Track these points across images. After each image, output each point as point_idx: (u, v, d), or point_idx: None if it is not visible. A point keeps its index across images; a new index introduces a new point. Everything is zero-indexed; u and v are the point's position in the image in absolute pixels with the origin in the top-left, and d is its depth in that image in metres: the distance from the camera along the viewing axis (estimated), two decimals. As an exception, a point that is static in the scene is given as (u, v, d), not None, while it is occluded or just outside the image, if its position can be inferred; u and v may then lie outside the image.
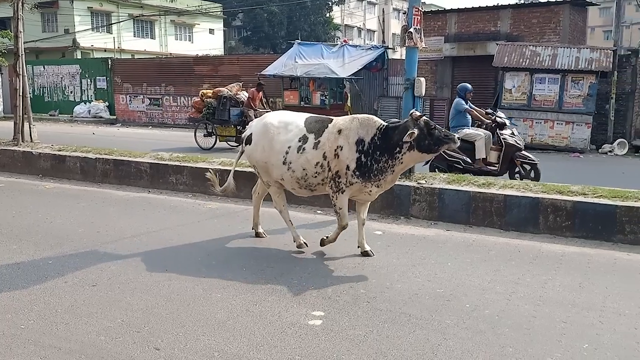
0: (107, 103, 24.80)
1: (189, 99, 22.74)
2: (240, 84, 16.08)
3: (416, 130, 4.63)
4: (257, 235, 5.79)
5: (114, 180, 8.88)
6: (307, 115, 5.37)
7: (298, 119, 5.23)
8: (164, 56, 33.39)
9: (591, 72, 14.63)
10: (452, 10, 20.15)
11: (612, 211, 5.80)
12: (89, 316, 3.85)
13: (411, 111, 4.86)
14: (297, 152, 5.03)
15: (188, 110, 22.68)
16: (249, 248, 5.48)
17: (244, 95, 14.37)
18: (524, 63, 15.32)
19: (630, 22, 41.33)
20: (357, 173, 4.85)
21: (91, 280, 4.54)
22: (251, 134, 5.40)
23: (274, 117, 5.35)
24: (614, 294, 4.28)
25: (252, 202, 5.91)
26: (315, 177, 5.02)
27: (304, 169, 5.01)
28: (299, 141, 5.04)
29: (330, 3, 47.92)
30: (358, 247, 5.24)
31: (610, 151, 14.45)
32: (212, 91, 14.72)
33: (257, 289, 4.35)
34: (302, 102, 18.98)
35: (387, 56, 19.44)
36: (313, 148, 4.97)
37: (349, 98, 19.35)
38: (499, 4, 19.35)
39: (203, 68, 22.58)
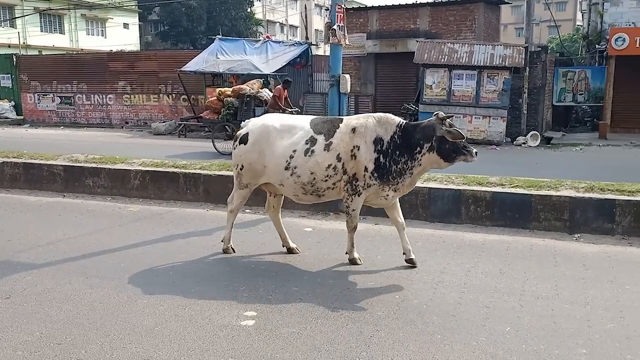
0: (13, 102, 23.30)
1: (104, 97, 21.84)
2: (261, 80, 15.17)
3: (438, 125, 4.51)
4: (290, 251, 5.25)
5: (24, 185, 8.38)
6: (312, 117, 5.13)
7: (302, 121, 4.95)
8: (75, 52, 31.76)
9: (505, 68, 15.48)
10: (373, 8, 20.62)
11: (528, 200, 6.19)
12: (3, 330, 3.63)
13: (436, 112, 4.71)
14: (305, 155, 4.69)
15: (103, 109, 21.88)
16: (176, 251, 5.36)
17: (266, 93, 13.38)
18: (442, 60, 15.94)
19: (540, 20, 44.04)
20: (375, 175, 4.62)
21: (4, 292, 4.28)
22: (247, 133, 4.99)
23: (275, 120, 5.02)
24: (532, 278, 4.58)
25: (271, 220, 5.40)
26: (326, 180, 4.70)
27: (312, 173, 4.70)
28: (306, 143, 4.72)
29: (251, -2, 47.59)
30: (403, 254, 4.91)
31: (524, 143, 15.35)
32: (231, 89, 13.66)
33: (186, 293, 4.27)
34: (225, 99, 18.71)
35: (311, 52, 19.62)
36: (324, 150, 4.67)
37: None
38: (418, 2, 20.02)
39: (118, 64, 21.70)
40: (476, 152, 4.62)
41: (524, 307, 3.99)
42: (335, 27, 7.37)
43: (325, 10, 30.37)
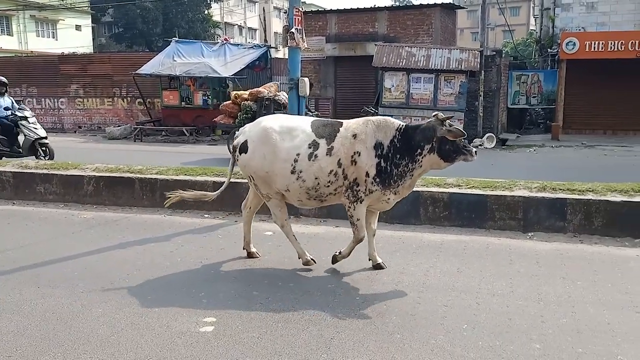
0: (-44, 107, 22.34)
1: (56, 101, 21.26)
2: (278, 83, 14.79)
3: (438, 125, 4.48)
4: (250, 255, 5.21)
5: (-31, 193, 8.05)
6: (311, 118, 4.99)
7: (302, 123, 4.80)
8: (24, 54, 30.75)
9: (461, 71, 15.87)
10: (332, 11, 20.79)
11: (484, 200, 6.35)
12: (-53, 346, 3.49)
13: (435, 113, 4.70)
14: (309, 160, 4.57)
15: (55, 114, 21.26)
16: (132, 258, 5.26)
17: (283, 96, 12.86)
18: (401, 63, 16.22)
19: (495, 25, 45.23)
20: (377, 180, 4.54)
21: (-53, 306, 4.11)
22: (246, 140, 4.79)
23: (274, 122, 4.82)
24: (488, 276, 4.71)
25: (243, 218, 5.29)
26: (328, 186, 4.62)
27: (316, 178, 4.59)
28: (309, 147, 4.59)
29: (208, 0, 47.13)
30: (369, 259, 4.94)
31: (480, 145, 15.76)
32: (248, 92, 13.25)
33: (143, 300, 4.20)
34: (183, 103, 18.53)
35: (270, 55, 19.62)
36: (326, 155, 4.56)
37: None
38: (376, 6, 20.29)
39: (70, 67, 21.17)
40: (476, 152, 4.63)
41: (480, 305, 4.10)
42: (293, 30, 7.40)
43: (284, 13, 30.38)
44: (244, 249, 5.27)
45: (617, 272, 4.75)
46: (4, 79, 10.64)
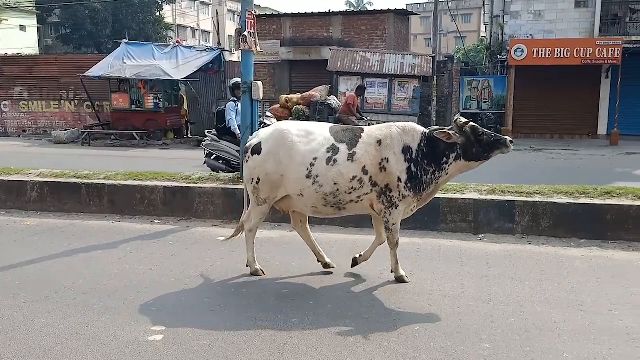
0: None
1: (-2, 103, 20.42)
2: (329, 86, 14.19)
3: (451, 132, 4.44)
4: (327, 266, 4.99)
5: None
6: (329, 124, 4.88)
7: (320, 127, 4.70)
8: (-37, 55, 29.37)
9: (415, 76, 16.20)
10: (286, 15, 20.83)
11: (436, 203, 6.43)
12: None
13: (456, 117, 4.63)
14: (327, 164, 4.45)
15: (-3, 117, 20.41)
16: (78, 266, 5.09)
17: (334, 100, 12.82)
18: (355, 68, 16.40)
19: (447, 31, 46.42)
20: (409, 185, 4.46)
21: None
22: (260, 142, 4.67)
23: (290, 125, 4.77)
24: (440, 277, 4.79)
25: (300, 235, 5.10)
26: (350, 193, 4.48)
27: (335, 183, 4.45)
28: (328, 152, 4.48)
29: (160, 1, 46.32)
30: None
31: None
32: (298, 96, 12.79)
33: (89, 310, 4.07)
34: (133, 106, 18.13)
35: (224, 58, 19.45)
36: (348, 160, 4.45)
37: (185, 101, 18.93)
38: (331, 11, 20.44)
39: (14, 69, 20.38)
40: (511, 141, 4.56)
41: (432, 306, 4.17)
42: (245, 33, 7.34)
43: (237, 16, 30.16)
44: (318, 261, 5.02)
45: (563, 272, 4.92)
46: None
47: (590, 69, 18.69)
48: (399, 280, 4.68)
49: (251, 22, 7.46)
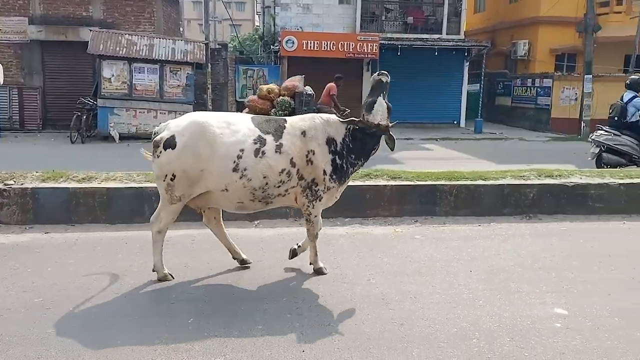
0: None
1: None
2: (303, 76, 13.52)
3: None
4: (243, 262, 4.90)
5: None
6: (248, 115, 4.67)
7: (241, 117, 4.52)
8: None
9: (187, 63, 15.99)
10: (35, -12, 18.71)
11: (211, 192, 6.52)
12: None
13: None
14: (256, 157, 4.29)
15: None
16: None
17: (310, 90, 12.55)
18: (121, 52, 15.54)
19: (222, 18, 46.70)
20: (334, 177, 4.51)
21: None
22: (173, 135, 4.26)
23: (206, 116, 4.46)
24: (215, 267, 4.86)
25: (214, 232, 4.90)
26: (279, 186, 4.39)
27: (264, 177, 4.32)
28: (255, 143, 4.31)
29: None
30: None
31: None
32: (282, 87, 12.23)
33: None
34: None
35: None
36: (276, 152, 4.34)
37: None
38: (90, -13, 18.98)
39: None
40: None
41: (207, 298, 4.24)
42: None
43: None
44: (234, 258, 4.91)
45: (330, 250, 5.39)
46: None
47: (354, 61, 20.68)
48: (318, 272, 4.74)
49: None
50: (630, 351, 3.48)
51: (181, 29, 24.84)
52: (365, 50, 20.32)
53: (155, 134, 4.45)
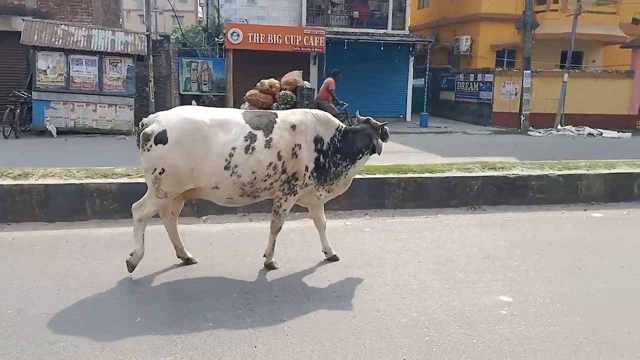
0: None
1: None
2: (301, 71, 13.70)
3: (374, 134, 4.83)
4: (188, 261, 4.80)
5: None
6: (240, 110, 4.68)
7: (232, 114, 4.52)
8: None
9: (128, 55, 15.51)
10: (-40, -27, 17.69)
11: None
12: None
13: (365, 118, 4.98)
14: (246, 153, 4.34)
15: None
16: None
17: (307, 84, 12.85)
18: (57, 43, 14.92)
19: (163, 9, 45.58)
20: (314, 174, 4.61)
21: None
22: (164, 130, 4.24)
23: (200, 113, 4.41)
24: (162, 263, 4.76)
25: (166, 225, 4.77)
26: (265, 180, 4.46)
27: (253, 172, 4.39)
28: (246, 140, 4.36)
29: None
30: (324, 252, 4.98)
31: (154, 133, 15.77)
32: (283, 81, 12.34)
33: None
34: None
35: None
36: (265, 147, 4.39)
37: None
38: (21, -26, 18.12)
39: None
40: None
41: (155, 296, 4.16)
42: None
43: None
44: (178, 257, 4.80)
45: (281, 244, 5.37)
46: None
47: (301, 55, 20.64)
48: (269, 267, 4.76)
49: None
50: (571, 335, 3.64)
51: (121, 20, 24.11)
52: (312, 44, 20.32)
53: (143, 125, 4.43)
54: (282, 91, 12.70)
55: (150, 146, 4.29)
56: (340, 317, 3.82)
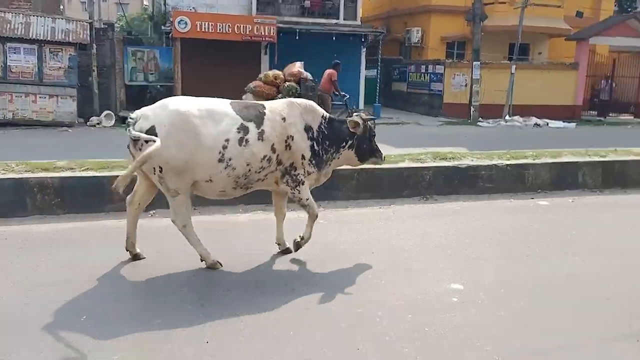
0: None
1: None
2: (302, 62, 13.40)
3: (359, 121, 4.83)
4: (136, 257, 4.68)
5: None
6: (228, 100, 4.56)
7: (221, 105, 4.44)
8: None
9: (69, 43, 14.98)
10: None
11: (101, 182, 6.21)
12: None
13: (357, 113, 5.03)
14: (240, 145, 4.33)
15: None
16: None
17: (309, 76, 12.76)
18: (-8, 29, 14.27)
19: (105, -3, 44.20)
20: (313, 162, 4.69)
21: None
22: (153, 126, 4.14)
23: (188, 104, 4.31)
24: (115, 259, 4.64)
25: (128, 215, 4.66)
26: (259, 172, 4.50)
27: (247, 165, 4.40)
28: (238, 132, 4.34)
29: None
30: (277, 243, 4.94)
31: (98, 123, 15.32)
32: (287, 73, 12.33)
33: None
34: None
35: None
36: (258, 139, 4.41)
37: None
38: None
39: None
40: (384, 157, 5.22)
41: (99, 294, 4.04)
42: None
43: None
44: (127, 250, 4.67)
45: (231, 235, 5.35)
46: None
47: (251, 44, 20.43)
48: (297, 248, 4.85)
49: None
50: (517, 320, 3.77)
51: (61, 7, 23.22)
52: (263, 34, 20.12)
53: (129, 124, 4.24)
54: (287, 83, 12.65)
55: (142, 145, 4.16)
56: (293, 310, 3.82)
